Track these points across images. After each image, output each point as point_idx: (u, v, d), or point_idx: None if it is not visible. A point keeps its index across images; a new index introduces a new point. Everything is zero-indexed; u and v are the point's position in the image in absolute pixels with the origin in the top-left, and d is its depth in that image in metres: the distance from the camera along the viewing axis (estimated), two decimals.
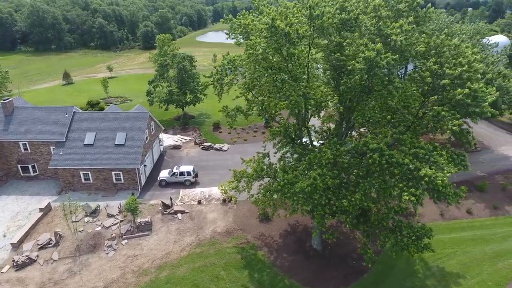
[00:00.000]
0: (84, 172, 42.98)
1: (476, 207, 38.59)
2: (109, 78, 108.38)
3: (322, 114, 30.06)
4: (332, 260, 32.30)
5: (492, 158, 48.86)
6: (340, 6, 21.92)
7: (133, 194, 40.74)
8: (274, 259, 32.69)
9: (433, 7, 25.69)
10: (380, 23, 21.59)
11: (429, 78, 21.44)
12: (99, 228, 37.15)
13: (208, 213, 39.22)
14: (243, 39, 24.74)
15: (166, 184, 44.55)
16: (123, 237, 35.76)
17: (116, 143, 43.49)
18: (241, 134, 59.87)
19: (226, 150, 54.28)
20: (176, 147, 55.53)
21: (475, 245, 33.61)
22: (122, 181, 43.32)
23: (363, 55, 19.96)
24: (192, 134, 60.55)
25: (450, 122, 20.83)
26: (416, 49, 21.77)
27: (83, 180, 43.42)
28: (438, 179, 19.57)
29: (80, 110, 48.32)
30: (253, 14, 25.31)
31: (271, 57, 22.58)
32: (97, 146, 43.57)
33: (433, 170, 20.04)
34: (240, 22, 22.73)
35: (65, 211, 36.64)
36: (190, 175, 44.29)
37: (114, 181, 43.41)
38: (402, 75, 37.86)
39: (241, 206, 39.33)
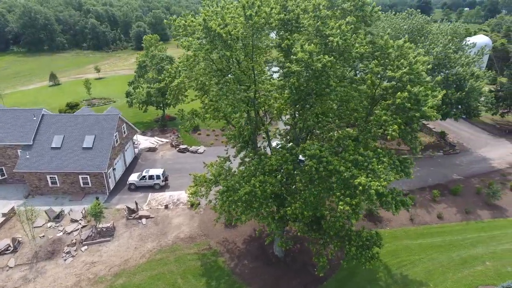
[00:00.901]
0: (51, 176, 42.14)
1: (447, 212, 37.63)
2: (96, 79, 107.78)
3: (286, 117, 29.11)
4: (294, 267, 31.40)
5: (470, 161, 47.90)
6: (281, 5, 21.00)
7: (97, 198, 39.89)
8: (234, 266, 31.80)
9: (387, 11, 24.62)
10: (318, 23, 20.64)
11: (369, 81, 20.53)
12: (61, 233, 36.31)
13: (174, 218, 38.35)
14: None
15: (136, 188, 43.69)
16: (83, 243, 34.90)
17: (84, 146, 42.67)
18: (220, 137, 58.94)
19: (202, 152, 53.40)
20: (151, 150, 54.69)
21: (443, 252, 32.67)
22: (90, 185, 42.49)
23: (294, 57, 19.06)
24: (170, 136, 59.71)
25: (390, 127, 19.88)
26: (357, 50, 20.82)
27: (50, 184, 42.58)
28: (372, 188, 18.61)
29: (50, 113, 47.51)
30: (193, 14, 24.31)
31: (211, 60, 21.69)
32: (64, 149, 42.75)
33: (369, 178, 19.09)
34: (179, 23, 21.85)
35: (24, 216, 35.77)
36: (160, 178, 43.42)
37: (82, 185, 42.57)
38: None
39: (209, 211, 38.42)
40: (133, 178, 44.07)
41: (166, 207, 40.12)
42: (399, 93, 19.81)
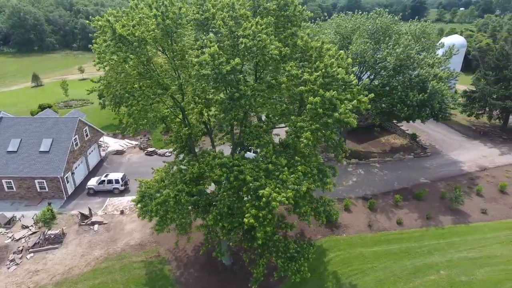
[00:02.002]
0: (7, 180, 41.09)
1: (408, 217, 36.50)
2: (80, 80, 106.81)
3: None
4: (241, 276, 30.29)
5: (440, 164, 46.76)
6: (199, 4, 19.90)
7: (49, 204, 38.88)
8: (180, 275, 30.74)
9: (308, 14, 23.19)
10: (229, 23, 19.50)
11: (283, 84, 19.44)
12: (9, 240, 35.27)
13: (128, 224, 37.28)
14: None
15: (94, 193, 42.61)
16: (30, 250, 33.85)
17: (41, 150, 41.65)
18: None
19: (170, 155, 52.27)
20: (119, 153, 53.61)
21: (397, 260, 31.56)
22: (47, 189, 41.44)
23: (195, 59, 17.98)
24: (141, 138, 58.62)
25: (304, 133, 18.74)
26: (270, 52, 19.67)
27: (6, 189, 41.52)
28: (276, 199, 17.47)
29: (9, 115, 46.48)
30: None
31: (126, 64, 20.55)
32: (20, 153, 41.72)
33: (277, 189, 17.95)
34: (97, 24, 20.77)
35: None
36: (119, 183, 42.34)
37: (38, 189, 41.51)
38: None
39: None
40: (92, 182, 42.99)
41: (122, 212, 39.04)
42: (310, 98, 18.69)
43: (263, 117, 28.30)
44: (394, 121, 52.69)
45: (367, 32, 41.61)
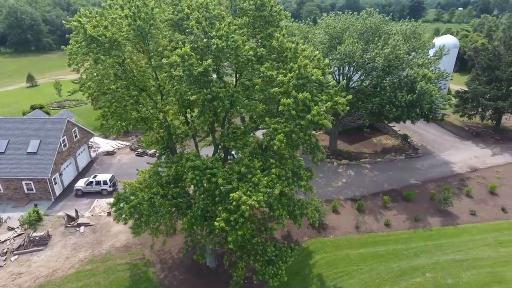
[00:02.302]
0: None
1: (396, 219, 36.23)
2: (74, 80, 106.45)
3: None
4: (224, 278, 29.95)
5: (431, 164, 46.49)
6: (174, 4, 19.60)
7: (36, 205, 38.63)
8: (164, 277, 30.48)
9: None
10: (203, 23, 19.21)
11: (258, 86, 19.14)
12: None
13: (114, 226, 36.94)
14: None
15: (82, 194, 42.34)
16: (14, 252, 33.57)
17: (29, 151, 41.37)
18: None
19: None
20: (109, 154, 53.33)
21: (383, 262, 31.29)
22: (34, 191, 41.18)
23: (165, 60, 17.71)
24: (132, 139, 58.34)
25: (276, 136, 18.47)
26: (244, 53, 19.36)
27: None
28: (246, 203, 17.18)
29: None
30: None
31: (97, 65, 20.29)
32: (8, 154, 41.45)
33: (247, 192, 17.66)
34: (71, 24, 20.50)
35: None
36: (107, 184, 42.07)
37: (26, 191, 41.25)
38: None
39: None
40: (80, 183, 42.73)
41: (109, 214, 38.70)
42: (283, 99, 18.41)
43: (247, 119, 28.10)
44: (386, 122, 52.51)
45: (356, 32, 41.35)
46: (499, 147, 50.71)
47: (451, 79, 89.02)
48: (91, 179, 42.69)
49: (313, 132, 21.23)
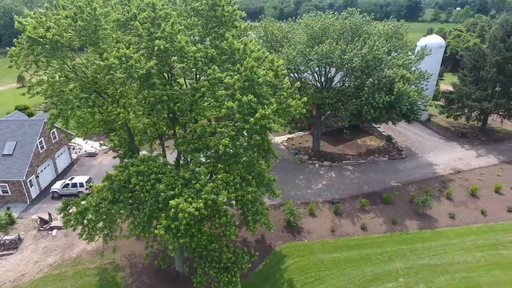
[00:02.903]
0: None
1: (373, 222, 35.61)
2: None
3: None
4: (192, 284, 29.40)
5: (414, 166, 45.84)
6: (123, 4, 19.04)
7: (8, 208, 38.07)
8: (132, 282, 29.91)
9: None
10: (147, 24, 18.62)
11: (204, 88, 18.55)
12: None
13: None
14: None
15: (59, 196, 41.76)
16: None
17: (4, 153, 40.87)
18: (169, 142, 56.89)
19: None
20: (91, 155, 52.77)
21: (357, 267, 30.68)
22: (9, 193, 40.65)
23: (103, 63, 17.15)
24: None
25: (222, 140, 17.87)
26: (191, 55, 18.73)
27: None
28: (184, 210, 16.57)
29: None
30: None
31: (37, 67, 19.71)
32: None
33: (189, 198, 17.05)
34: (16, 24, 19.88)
35: None
36: (83, 186, 41.54)
37: (1, 193, 40.74)
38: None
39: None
40: (56, 186, 42.21)
41: None
42: (226, 102, 17.82)
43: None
44: (365, 124, 52.00)
45: (335, 33, 40.75)
46: (484, 149, 50.06)
47: (442, 79, 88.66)
48: (67, 181, 42.18)
49: (267, 136, 20.49)
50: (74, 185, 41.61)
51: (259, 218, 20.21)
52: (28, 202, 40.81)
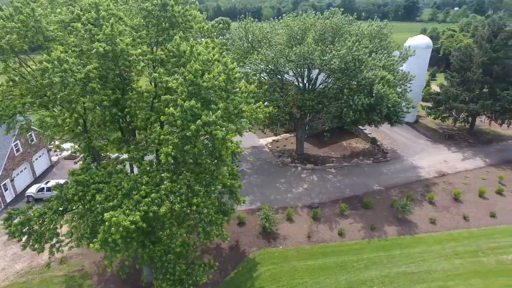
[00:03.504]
0: None
1: (352, 228, 34.67)
2: None
3: None
4: None
5: (399, 169, 44.91)
6: (67, 4, 18.15)
7: None
8: None
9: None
10: (88, 26, 17.72)
11: (147, 94, 17.63)
12: None
13: None
14: None
15: (34, 201, 40.83)
16: None
17: None
18: None
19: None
20: (71, 158, 51.82)
21: (331, 275, 29.75)
22: None
23: (35, 67, 16.25)
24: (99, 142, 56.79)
25: (164, 148, 16.93)
26: (133, 58, 17.79)
27: None
28: (117, 224, 15.62)
29: None
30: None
31: None
32: None
33: (127, 210, 16.13)
34: None
35: None
36: None
37: None
38: None
39: None
40: (32, 190, 41.31)
41: None
42: (167, 108, 16.90)
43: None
44: (345, 127, 51.10)
45: (316, 33, 39.82)
46: (471, 151, 49.14)
47: (435, 80, 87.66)
48: (42, 185, 41.30)
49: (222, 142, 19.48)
50: (49, 189, 40.64)
51: (211, 229, 19.29)
52: (2, 207, 39.91)
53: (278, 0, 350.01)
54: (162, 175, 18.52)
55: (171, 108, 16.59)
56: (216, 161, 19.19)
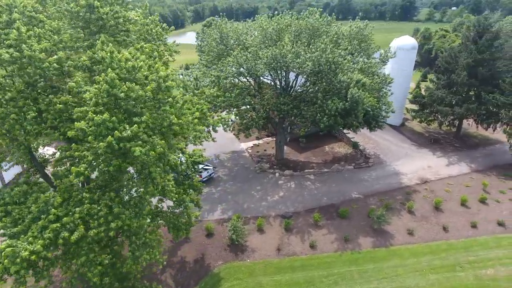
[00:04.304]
0: None
1: (324, 240, 32.92)
2: None
3: None
4: None
5: (380, 176, 43.17)
6: None
7: None
8: None
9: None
10: None
11: (60, 106, 15.88)
12: None
13: None
14: None
15: None
16: None
17: None
18: None
19: None
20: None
21: None
22: None
23: None
24: None
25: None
26: (45, 65, 15.99)
27: None
28: (14, 255, 13.90)
29: None
30: None
31: None
32: None
33: (30, 238, 14.38)
34: None
35: None
36: None
37: None
38: None
39: None
40: None
41: None
42: (76, 123, 15.13)
43: None
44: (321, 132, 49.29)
45: (291, 34, 38.11)
46: (457, 156, 47.41)
47: (426, 81, 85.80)
48: None
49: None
50: None
51: (140, 253, 17.49)
52: None
53: (276, 0, 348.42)
54: (82, 195, 16.79)
55: (82, 122, 14.85)
56: (146, 178, 17.40)
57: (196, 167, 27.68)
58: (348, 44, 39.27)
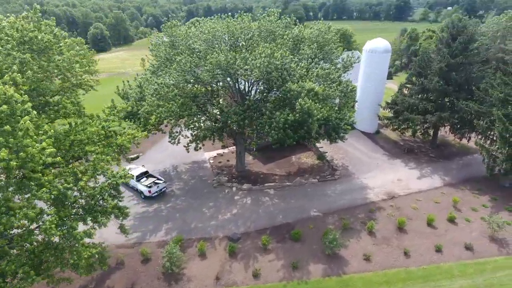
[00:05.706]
0: None
1: (270, 267, 29.65)
2: None
3: None
4: None
5: (345, 190, 39.93)
6: None
7: None
8: None
9: None
10: None
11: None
12: None
13: None
14: None
15: None
16: None
17: None
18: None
19: None
20: None
21: None
22: None
23: None
24: None
25: None
26: None
27: None
28: None
29: None
30: None
31: None
32: None
33: None
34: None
35: None
36: None
37: None
38: None
39: None
40: None
41: None
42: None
43: None
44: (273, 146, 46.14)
45: (241, 38, 34.91)
46: (431, 167, 44.18)
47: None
48: None
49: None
50: None
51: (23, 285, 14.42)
52: None
53: (272, 0, 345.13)
54: None
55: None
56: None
57: (117, 188, 24.53)
58: (308, 49, 36.01)
